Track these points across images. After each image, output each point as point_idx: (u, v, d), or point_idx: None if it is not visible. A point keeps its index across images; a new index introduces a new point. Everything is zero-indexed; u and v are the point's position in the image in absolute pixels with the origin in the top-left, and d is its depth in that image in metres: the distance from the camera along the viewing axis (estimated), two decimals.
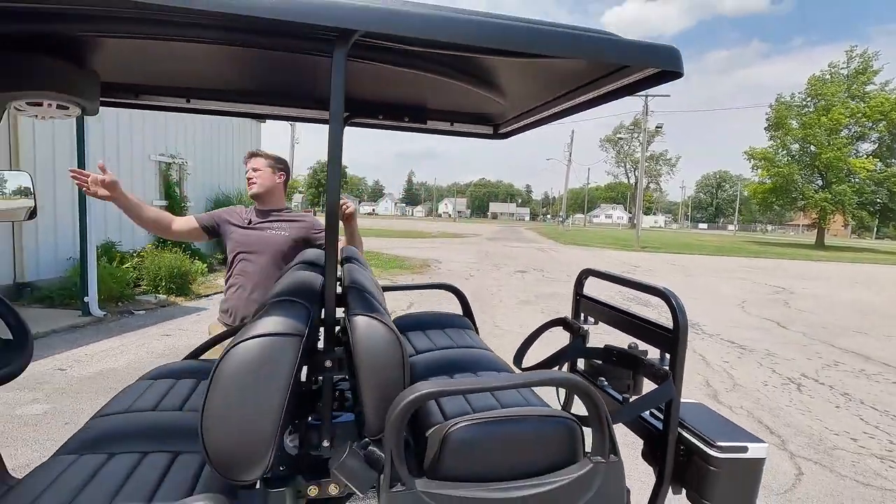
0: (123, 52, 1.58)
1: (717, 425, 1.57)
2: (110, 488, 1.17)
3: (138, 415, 1.58)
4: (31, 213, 2.05)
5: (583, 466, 1.17)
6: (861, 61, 36.09)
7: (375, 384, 1.11)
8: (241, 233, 2.44)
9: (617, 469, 1.20)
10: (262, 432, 1.02)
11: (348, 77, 1.79)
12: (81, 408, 3.75)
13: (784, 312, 9.32)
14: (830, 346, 6.85)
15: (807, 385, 5.10)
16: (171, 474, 1.25)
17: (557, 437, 1.20)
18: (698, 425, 1.52)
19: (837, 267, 21.53)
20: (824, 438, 3.80)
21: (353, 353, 1.11)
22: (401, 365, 1.13)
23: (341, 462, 1.07)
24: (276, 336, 1.04)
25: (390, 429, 1.01)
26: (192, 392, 1.78)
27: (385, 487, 1.02)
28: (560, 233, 42.02)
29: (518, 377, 1.30)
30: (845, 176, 35.20)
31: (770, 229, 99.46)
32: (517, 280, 12.00)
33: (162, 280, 7.80)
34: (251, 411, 1.01)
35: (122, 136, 8.84)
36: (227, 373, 1.02)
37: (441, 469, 1.11)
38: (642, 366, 1.57)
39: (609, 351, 1.71)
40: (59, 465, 1.27)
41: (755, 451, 1.45)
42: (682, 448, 1.51)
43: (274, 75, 1.78)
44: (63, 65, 1.49)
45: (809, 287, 13.48)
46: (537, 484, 1.12)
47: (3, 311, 1.45)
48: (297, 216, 2.56)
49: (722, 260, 21.92)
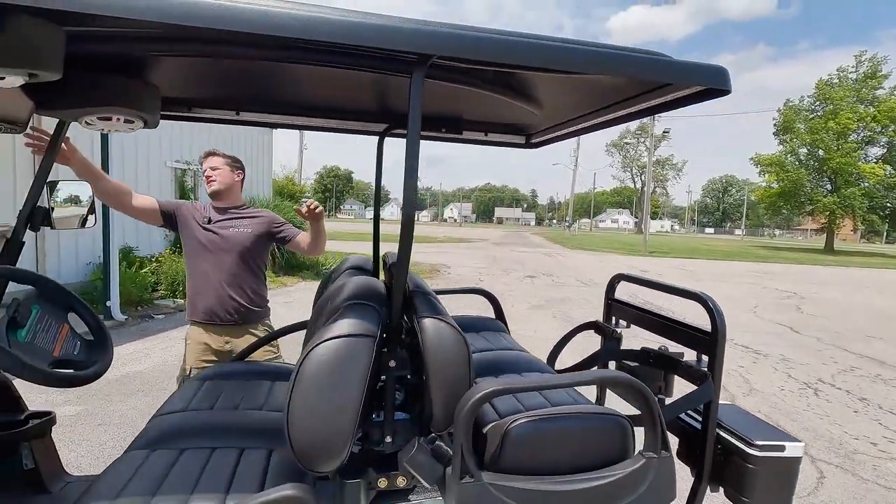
0: (183, 69, 1.68)
1: (752, 425, 1.62)
2: (189, 480, 1.25)
3: (197, 413, 1.66)
4: (83, 222, 2.15)
5: (636, 461, 1.23)
6: (870, 66, 35.96)
7: (443, 382, 1.19)
8: (203, 232, 2.45)
9: (668, 464, 1.26)
10: (342, 427, 1.09)
11: (389, 91, 1.88)
12: (112, 409, 3.84)
13: (796, 317, 9.31)
14: (845, 351, 6.85)
15: (823, 390, 5.11)
16: (240, 468, 1.32)
17: (609, 433, 1.27)
18: (734, 425, 1.58)
19: (847, 271, 21.41)
20: (844, 443, 3.83)
21: (422, 354, 1.19)
22: (467, 363, 1.21)
23: (411, 456, 1.14)
24: (353, 337, 1.12)
25: (462, 423, 1.08)
26: (244, 392, 1.86)
27: (455, 479, 1.09)
28: (567, 238, 41.99)
29: (575, 376, 1.37)
30: (854, 180, 35.02)
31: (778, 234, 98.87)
32: (527, 285, 12.05)
33: (179, 285, 7.91)
34: (332, 408, 1.09)
35: (140, 143, 9.01)
36: (309, 372, 1.09)
37: (502, 463, 1.18)
38: (679, 367, 1.63)
39: (646, 353, 1.77)
40: (135, 460, 1.35)
41: (792, 449, 1.51)
42: (718, 447, 1.57)
43: (323, 89, 1.86)
44: (132, 82, 1.58)
45: (821, 292, 13.43)
46: (595, 478, 1.18)
47: (83, 313, 1.54)
48: (256, 212, 2.60)
49: (731, 265, 21.85)
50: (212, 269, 2.43)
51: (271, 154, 14.30)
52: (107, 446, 3.27)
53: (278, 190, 14.62)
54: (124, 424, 3.60)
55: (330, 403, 1.09)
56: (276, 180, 16.39)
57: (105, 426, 3.55)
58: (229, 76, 1.75)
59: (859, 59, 36.79)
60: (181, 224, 2.49)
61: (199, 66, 1.65)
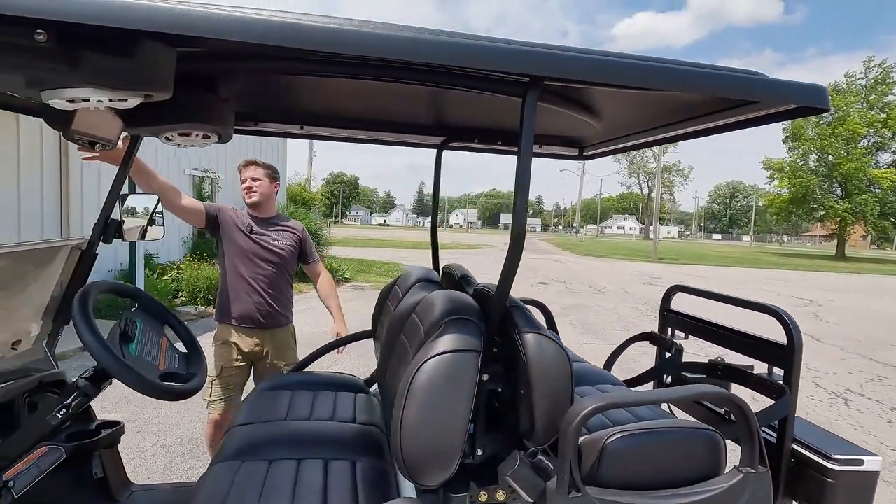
0: (257, 85, 1.71)
1: (825, 437, 1.62)
2: (285, 491, 1.27)
3: (272, 424, 1.68)
4: (143, 233, 2.18)
5: (733, 476, 1.24)
6: (880, 71, 35.81)
7: (546, 396, 1.20)
8: (246, 240, 2.51)
9: (765, 480, 1.27)
10: (452, 440, 1.11)
11: (446, 104, 1.90)
12: (148, 416, 3.87)
13: (816, 325, 9.24)
14: (870, 360, 6.79)
15: (853, 400, 5.07)
16: (330, 480, 1.34)
17: (702, 447, 1.27)
18: (807, 437, 1.58)
19: (861, 278, 21.22)
20: (881, 454, 3.79)
21: (524, 368, 1.20)
22: (569, 378, 1.22)
23: (515, 470, 1.16)
24: (460, 352, 1.14)
25: (569, 438, 1.09)
26: (310, 403, 1.88)
27: (562, 494, 1.09)
28: (575, 244, 41.91)
29: (675, 391, 1.38)
30: (865, 186, 34.79)
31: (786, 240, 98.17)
32: (540, 292, 12.03)
33: (200, 291, 7.97)
34: (443, 421, 1.11)
35: (159, 151, 9.11)
36: (421, 387, 1.11)
37: (600, 477, 1.18)
38: (752, 380, 1.63)
39: (714, 366, 1.77)
40: (227, 471, 1.37)
41: (870, 463, 1.50)
42: (792, 460, 1.56)
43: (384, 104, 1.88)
44: (213, 98, 1.61)
45: (837, 299, 13.31)
46: (696, 492, 1.19)
47: (177, 326, 1.57)
48: (291, 224, 2.68)
49: (744, 272, 21.72)
50: (251, 275, 2.49)
51: (286, 161, 14.41)
52: (148, 454, 3.29)
53: (292, 197, 14.72)
54: (162, 432, 3.63)
55: (442, 417, 1.11)
56: (291, 186, 16.51)
57: (143, 433, 3.58)
58: (298, 92, 1.78)
59: (867, 64, 36.69)
60: (223, 228, 2.53)
61: (272, 83, 1.68)
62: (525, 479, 1.15)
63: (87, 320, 1.23)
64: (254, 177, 2.55)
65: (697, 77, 1.14)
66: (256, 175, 2.56)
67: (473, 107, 1.87)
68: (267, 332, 2.55)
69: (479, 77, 1.18)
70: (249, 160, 2.63)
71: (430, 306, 1.33)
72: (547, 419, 1.20)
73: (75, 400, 1.27)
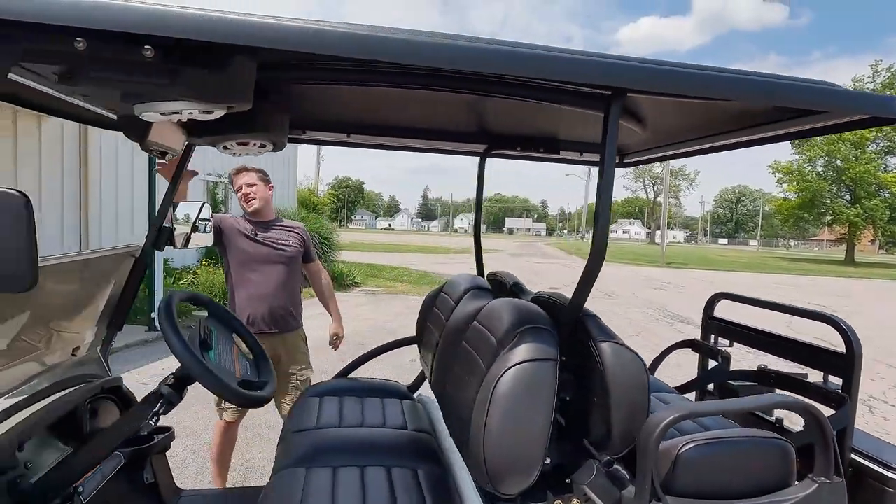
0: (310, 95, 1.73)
1: (881, 446, 1.61)
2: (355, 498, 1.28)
3: (329, 431, 1.69)
4: (186, 241, 2.20)
5: (808, 486, 1.24)
6: (888, 75, 35.66)
7: (623, 406, 1.20)
8: (253, 244, 2.51)
9: (840, 490, 1.26)
10: (534, 449, 1.12)
11: (488, 112, 1.91)
12: (170, 420, 3.88)
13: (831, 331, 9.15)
14: (890, 367, 6.73)
15: (878, 407, 5.03)
16: (396, 487, 1.35)
17: (773, 456, 1.27)
18: (864, 446, 1.57)
19: (872, 284, 21.05)
20: None
21: (601, 377, 1.21)
22: (645, 388, 1.23)
23: (592, 479, 1.16)
24: (539, 361, 1.14)
25: (650, 448, 1.09)
26: (360, 409, 1.89)
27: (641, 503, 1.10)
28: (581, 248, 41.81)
29: (751, 401, 1.38)
30: (875, 191, 34.57)
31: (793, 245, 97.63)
32: None
33: (216, 296, 8.01)
34: (524, 430, 1.11)
35: None
36: (504, 396, 1.12)
37: (674, 486, 1.18)
38: (809, 390, 1.63)
39: (765, 374, 1.77)
40: (294, 478, 1.38)
41: None
42: (849, 469, 1.56)
43: (430, 112, 1.89)
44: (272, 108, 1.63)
45: (851, 304, 13.21)
46: (770, 502, 1.19)
47: (245, 334, 1.59)
48: (291, 224, 2.69)
49: (753, 277, 21.60)
50: (263, 279, 2.49)
51: (296, 166, 14.49)
52: (178, 458, 3.31)
53: (301, 201, 14.80)
54: (189, 436, 3.64)
55: (523, 426, 1.12)
56: (300, 190, 16.59)
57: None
58: (347, 101, 1.79)
59: (875, 68, 36.59)
60: (227, 237, 2.52)
61: (325, 92, 1.70)
62: (601, 488, 1.16)
63: (175, 328, 1.25)
64: (249, 183, 2.55)
65: (781, 88, 1.14)
66: (251, 181, 2.56)
67: (517, 114, 1.88)
68: (279, 338, 2.54)
69: (558, 90, 1.19)
70: (240, 167, 2.62)
71: (497, 315, 1.33)
72: (623, 428, 1.20)
73: (162, 407, 1.29)
